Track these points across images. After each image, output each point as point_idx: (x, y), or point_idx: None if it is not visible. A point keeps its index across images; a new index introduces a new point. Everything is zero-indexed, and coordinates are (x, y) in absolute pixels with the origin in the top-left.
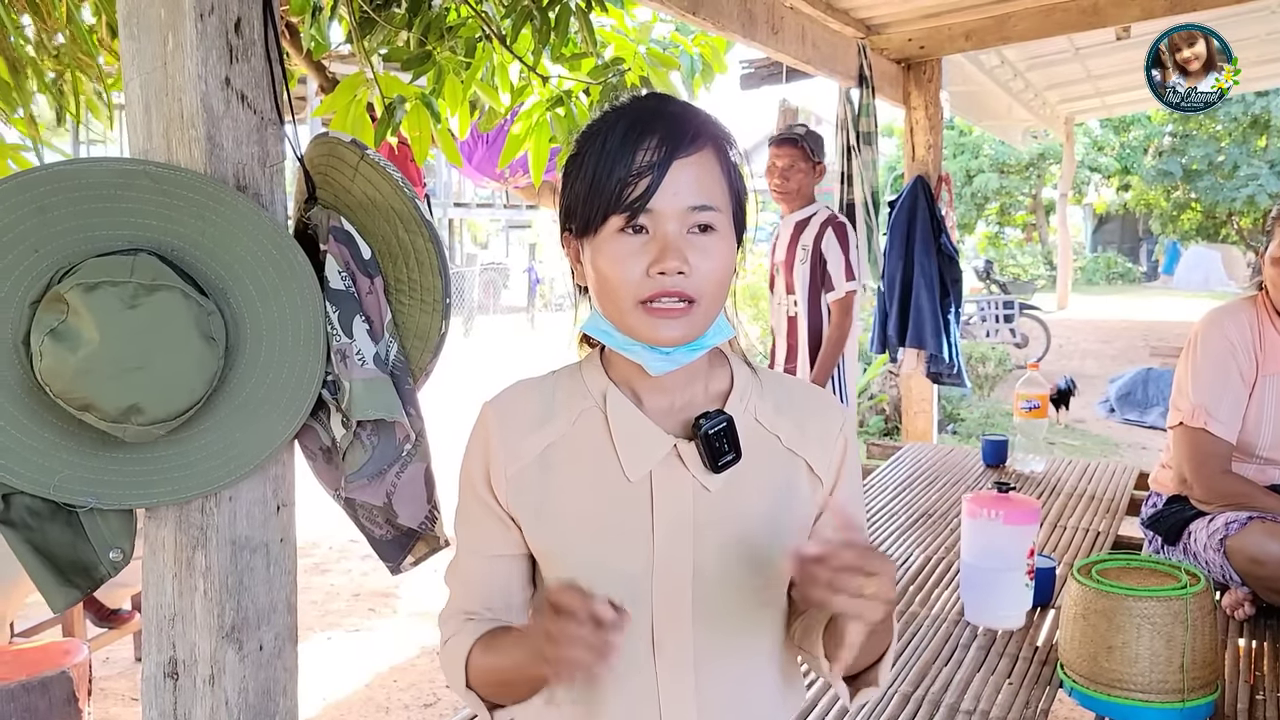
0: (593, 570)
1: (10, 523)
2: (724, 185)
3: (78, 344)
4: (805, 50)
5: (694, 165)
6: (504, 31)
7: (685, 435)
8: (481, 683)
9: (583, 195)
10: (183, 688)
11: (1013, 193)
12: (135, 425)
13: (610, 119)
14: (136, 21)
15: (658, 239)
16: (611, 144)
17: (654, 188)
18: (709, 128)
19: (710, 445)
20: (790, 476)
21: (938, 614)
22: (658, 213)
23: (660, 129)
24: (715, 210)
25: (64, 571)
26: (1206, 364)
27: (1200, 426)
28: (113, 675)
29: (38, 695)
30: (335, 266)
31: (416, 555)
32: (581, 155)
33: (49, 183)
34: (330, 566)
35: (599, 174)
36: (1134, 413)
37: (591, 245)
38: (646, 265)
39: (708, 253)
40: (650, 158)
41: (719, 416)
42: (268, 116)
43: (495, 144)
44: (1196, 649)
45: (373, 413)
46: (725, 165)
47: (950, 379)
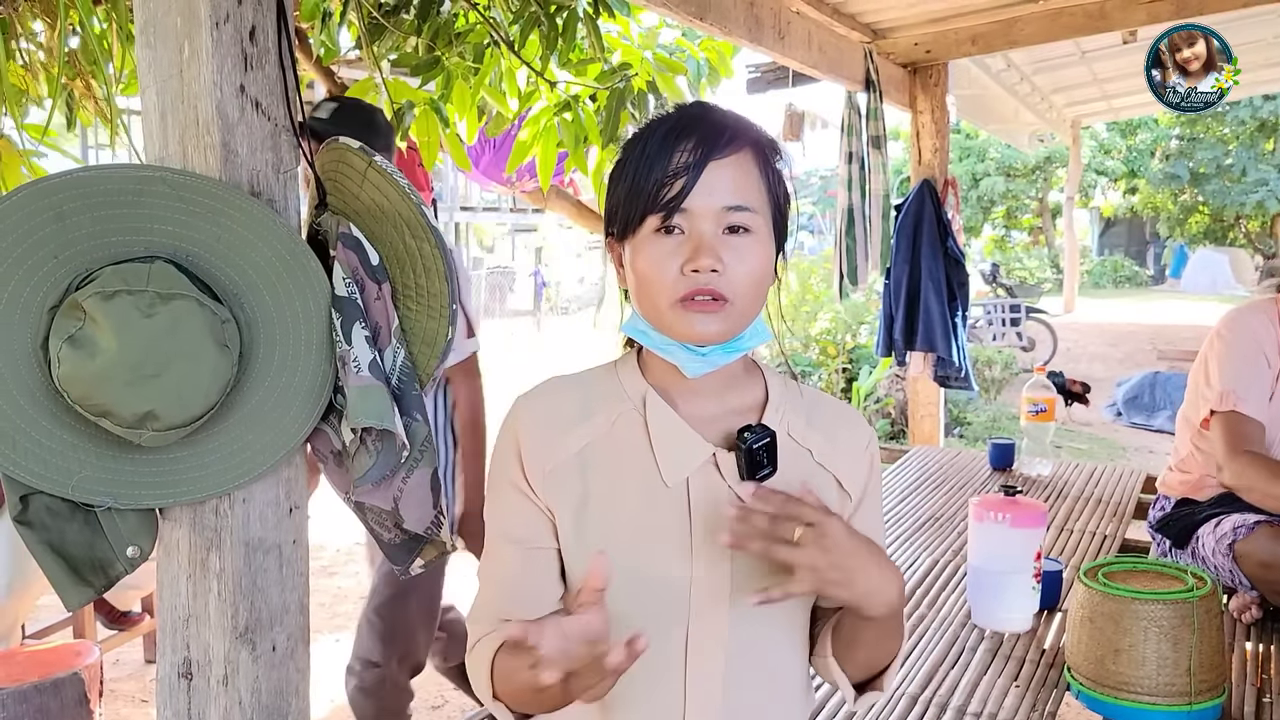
0: (631, 575)
1: (28, 523)
2: (762, 189)
3: (95, 351)
4: (811, 55)
5: (730, 166)
6: (512, 37)
7: (723, 444)
8: (509, 692)
9: (623, 198)
10: (197, 688)
11: (1019, 196)
12: (151, 431)
13: (653, 125)
14: (153, 30)
15: (692, 238)
16: (651, 147)
17: (689, 187)
18: (749, 132)
19: (752, 458)
20: (821, 490)
21: (945, 617)
22: (693, 212)
23: (698, 131)
24: (750, 211)
25: (80, 570)
26: (1234, 352)
27: (1230, 409)
28: (122, 677)
29: (50, 696)
30: (341, 273)
31: (425, 559)
32: (624, 160)
33: (68, 189)
34: (338, 569)
35: (638, 176)
36: (1141, 416)
37: (631, 246)
38: (681, 264)
39: (742, 253)
40: (686, 159)
41: (764, 431)
42: (281, 123)
43: (503, 149)
44: (1203, 652)
45: (364, 420)
46: (765, 169)
47: (958, 382)
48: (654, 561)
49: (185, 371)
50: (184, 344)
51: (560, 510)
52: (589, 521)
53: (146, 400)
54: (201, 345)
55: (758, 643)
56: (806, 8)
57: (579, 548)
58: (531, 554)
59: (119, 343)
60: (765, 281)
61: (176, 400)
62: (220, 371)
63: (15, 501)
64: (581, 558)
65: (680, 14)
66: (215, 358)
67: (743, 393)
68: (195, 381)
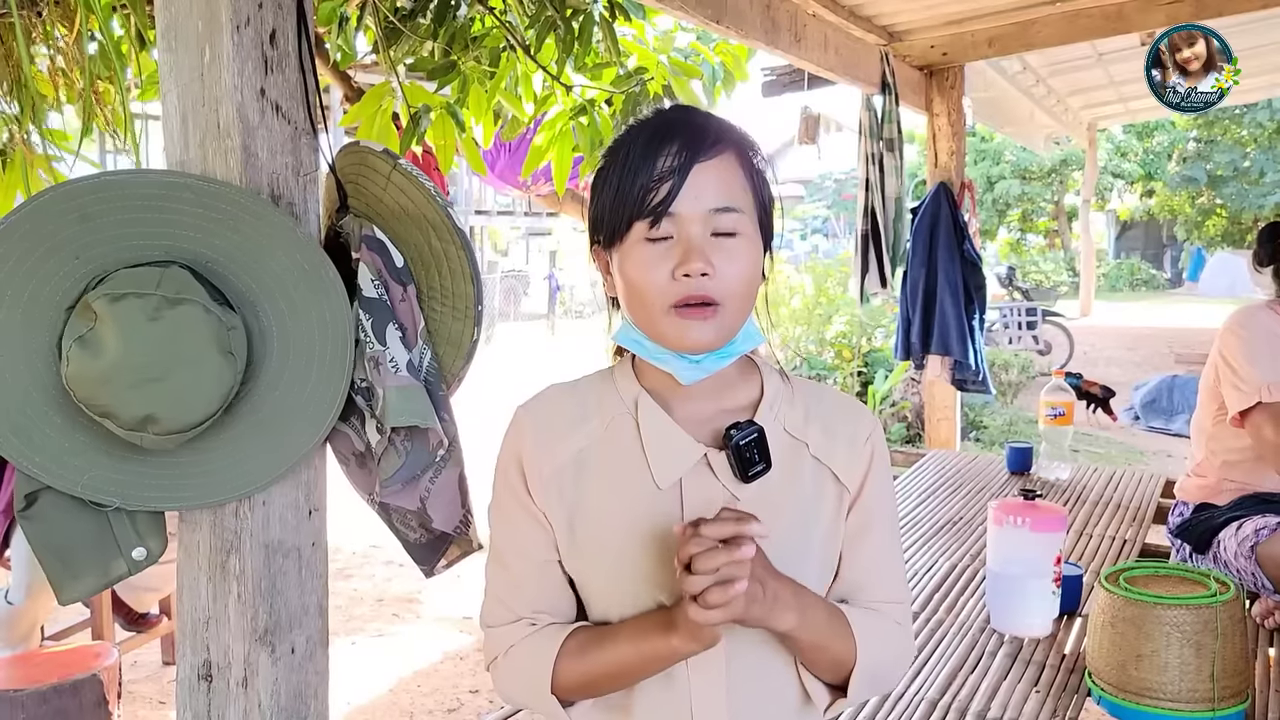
0: (624, 576)
1: (31, 518)
2: (747, 189)
3: (101, 352)
4: (828, 57)
5: (715, 169)
6: (528, 41)
7: (716, 444)
8: (582, 679)
9: (609, 205)
10: (216, 690)
11: (1035, 199)
12: (151, 434)
13: (634, 131)
14: (175, 34)
15: (681, 242)
16: (635, 153)
17: (675, 192)
18: (730, 133)
19: (741, 456)
20: (818, 484)
21: (964, 622)
22: (680, 216)
23: (681, 135)
24: (738, 212)
25: (78, 565)
26: (1259, 345)
27: (1277, 399)
28: (140, 679)
29: (68, 698)
30: (368, 274)
31: (450, 558)
32: (607, 168)
33: (94, 192)
34: (354, 572)
35: (623, 183)
36: (1159, 420)
37: (619, 253)
38: (671, 269)
39: (732, 255)
40: (671, 163)
41: (750, 428)
42: (301, 126)
43: (518, 152)
44: (1227, 657)
45: (406, 420)
46: (748, 170)
47: (974, 386)
48: (648, 564)
49: (187, 376)
50: (187, 349)
51: (555, 516)
52: (583, 526)
53: (148, 403)
54: (205, 351)
55: (756, 644)
56: (823, 10)
57: (574, 552)
58: (545, 567)
59: (124, 345)
60: (755, 282)
61: (178, 405)
62: (223, 379)
63: (21, 498)
64: (578, 562)
65: (696, 17)
66: (218, 364)
67: (738, 392)
68: (197, 387)
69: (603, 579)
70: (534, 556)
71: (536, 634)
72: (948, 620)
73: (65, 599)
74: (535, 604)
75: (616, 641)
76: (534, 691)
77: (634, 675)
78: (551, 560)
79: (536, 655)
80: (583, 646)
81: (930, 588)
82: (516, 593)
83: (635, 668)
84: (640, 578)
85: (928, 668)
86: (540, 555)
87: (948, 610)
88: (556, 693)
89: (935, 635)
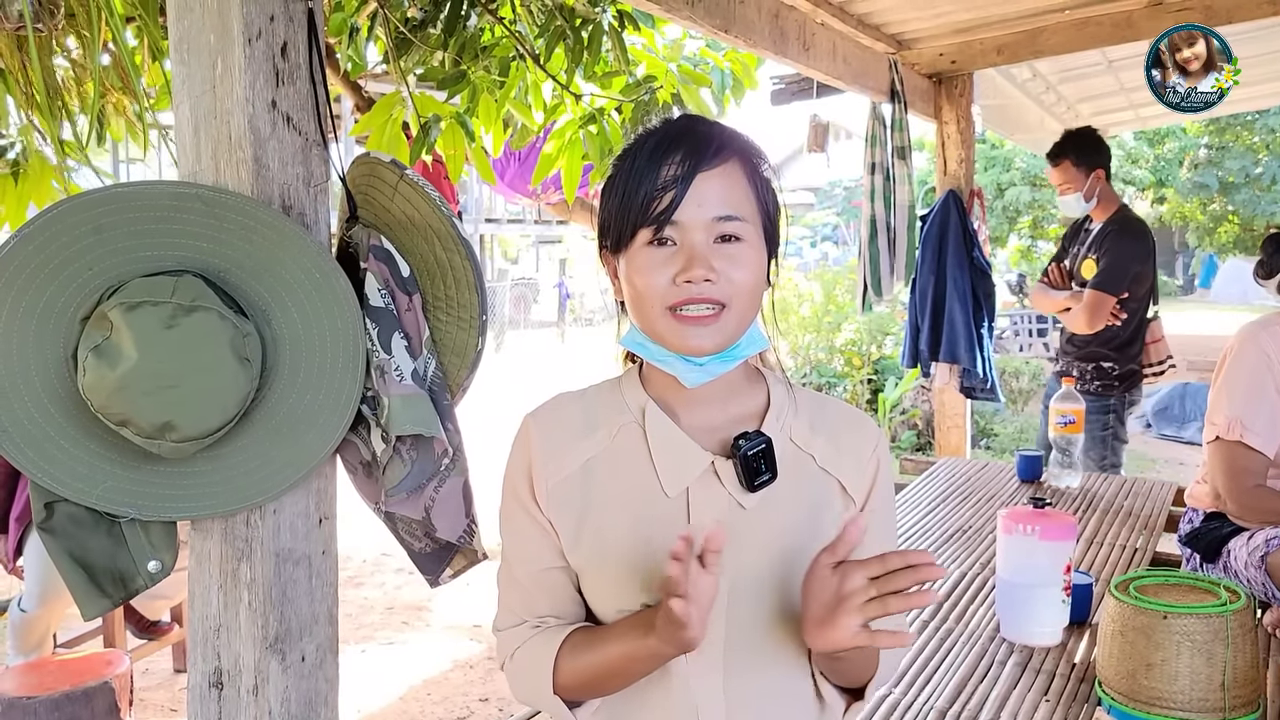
0: (628, 583)
1: (51, 530)
2: (751, 197)
3: (117, 361)
4: (836, 66)
5: (719, 177)
6: (538, 51)
7: (722, 453)
8: (579, 679)
9: (615, 212)
10: (227, 698)
11: (1045, 206)
12: (169, 442)
13: (641, 140)
14: (187, 47)
15: (684, 249)
16: (640, 162)
17: (679, 200)
18: (734, 142)
19: (748, 465)
20: (824, 495)
21: (973, 630)
22: (683, 224)
23: (685, 144)
24: (742, 221)
25: (99, 580)
26: (1242, 377)
27: (1236, 439)
28: (151, 686)
29: (81, 705)
30: (375, 284)
31: (455, 568)
32: (615, 176)
33: (107, 204)
34: (364, 580)
35: (629, 191)
36: (1171, 428)
37: (624, 259)
38: (674, 274)
39: (735, 261)
40: (675, 171)
41: (758, 438)
42: (312, 138)
43: (528, 161)
44: (1238, 667)
45: (410, 428)
46: (753, 178)
47: (984, 393)
48: (654, 571)
49: (204, 383)
50: (203, 356)
51: (563, 524)
52: (589, 533)
53: (165, 410)
54: (221, 358)
55: (755, 641)
56: (831, 19)
57: (581, 560)
58: (550, 574)
59: (140, 352)
60: (759, 288)
61: (194, 411)
62: (239, 385)
63: (40, 508)
64: (585, 570)
65: (705, 26)
66: (235, 371)
67: (744, 401)
68: (213, 393)
69: (607, 585)
70: (540, 564)
71: (538, 635)
72: (957, 629)
73: (89, 614)
74: (542, 609)
75: (606, 641)
76: (538, 692)
77: (625, 675)
78: (558, 567)
79: (537, 656)
80: (577, 646)
81: (940, 596)
82: (524, 599)
83: (622, 667)
84: (644, 584)
85: (937, 677)
86: (546, 562)
87: (957, 619)
88: (559, 692)
89: (945, 644)
